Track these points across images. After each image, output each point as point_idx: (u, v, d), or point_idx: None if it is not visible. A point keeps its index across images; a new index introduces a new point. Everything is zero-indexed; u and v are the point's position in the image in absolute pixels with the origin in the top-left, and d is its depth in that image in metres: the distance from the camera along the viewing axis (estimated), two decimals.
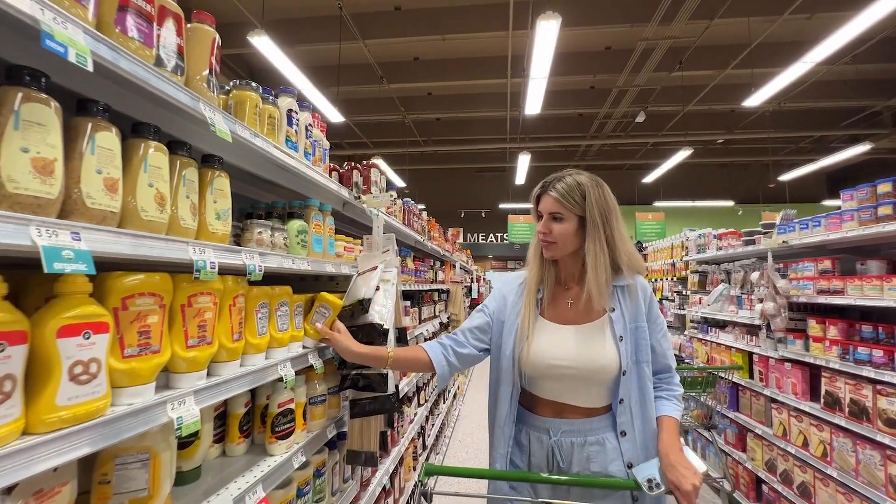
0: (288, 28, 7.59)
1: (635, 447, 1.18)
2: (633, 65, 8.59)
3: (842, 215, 2.37)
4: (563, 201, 1.20)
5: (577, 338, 1.21)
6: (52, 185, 0.57)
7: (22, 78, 0.56)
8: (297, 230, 1.24)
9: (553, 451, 1.19)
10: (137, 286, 0.73)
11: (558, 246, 1.23)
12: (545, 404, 1.24)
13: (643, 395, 1.20)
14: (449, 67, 9.01)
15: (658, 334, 1.26)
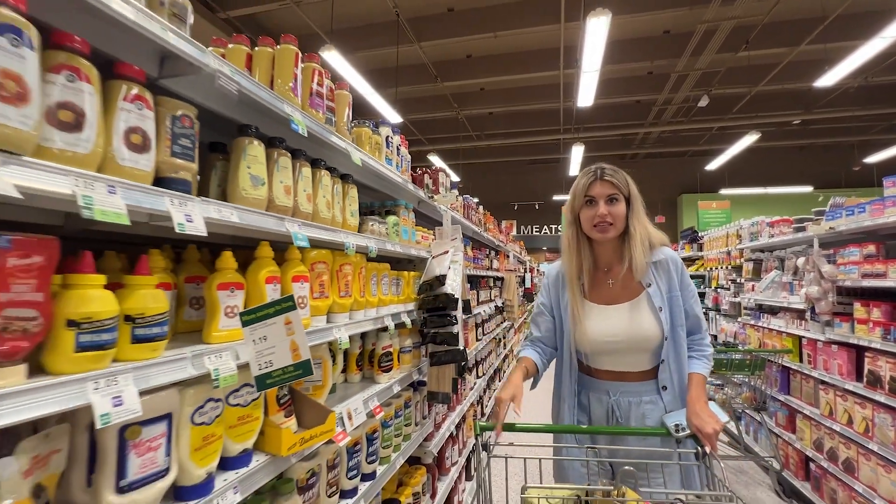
0: (349, 36, 8.26)
1: (674, 398, 1.36)
2: (693, 47, 8.35)
3: (885, 202, 2.49)
4: (619, 184, 1.36)
5: (622, 315, 1.38)
6: (290, 200, 1.08)
7: (277, 143, 1.06)
8: (393, 223, 1.73)
9: (612, 409, 1.38)
10: (317, 257, 1.23)
11: (616, 226, 1.37)
12: (603, 372, 1.42)
13: (679, 354, 1.37)
14: (501, 62, 9.28)
15: (690, 299, 1.42)
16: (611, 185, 1.36)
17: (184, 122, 0.79)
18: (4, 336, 0.55)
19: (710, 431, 1.19)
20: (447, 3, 7.90)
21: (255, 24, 8.11)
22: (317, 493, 1.22)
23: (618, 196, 1.36)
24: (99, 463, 0.69)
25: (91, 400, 0.60)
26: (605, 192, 1.36)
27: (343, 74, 6.38)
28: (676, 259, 1.44)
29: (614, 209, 1.35)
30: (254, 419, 0.98)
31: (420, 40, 8.05)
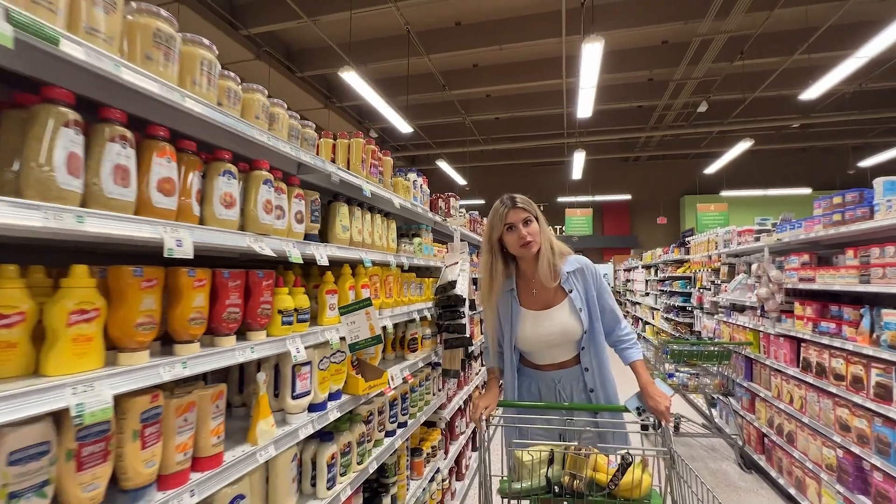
0: (363, 49, 8.91)
1: (594, 377, 1.72)
2: (690, 57, 8.91)
3: (814, 219, 3.11)
4: (528, 208, 1.68)
5: (552, 318, 1.71)
6: (360, 237, 1.75)
7: (354, 202, 1.74)
8: (418, 243, 2.41)
9: (559, 392, 1.75)
10: (374, 271, 1.91)
11: (536, 242, 1.68)
12: (543, 365, 1.77)
13: (596, 342, 1.72)
14: (506, 72, 9.90)
15: (605, 296, 1.77)
16: (523, 210, 1.66)
17: (316, 203, 1.46)
18: (223, 322, 1.20)
19: (663, 409, 1.54)
20: (454, 18, 8.54)
21: (275, 40, 8.81)
22: (373, 427, 1.90)
23: (531, 218, 1.67)
24: (282, 383, 1.36)
25: (289, 348, 1.28)
26: (520, 217, 1.66)
27: (359, 91, 7.05)
28: (590, 265, 1.79)
29: (531, 228, 1.66)
30: (342, 372, 1.66)
31: (429, 53, 8.69)
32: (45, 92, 0.75)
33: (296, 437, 1.35)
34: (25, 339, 0.78)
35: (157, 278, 0.92)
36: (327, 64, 9.14)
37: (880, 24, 5.87)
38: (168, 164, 0.94)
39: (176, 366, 0.93)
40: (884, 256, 2.48)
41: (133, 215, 0.85)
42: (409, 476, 2.31)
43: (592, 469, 1.38)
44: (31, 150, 0.72)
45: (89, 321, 0.81)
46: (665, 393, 1.59)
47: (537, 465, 1.40)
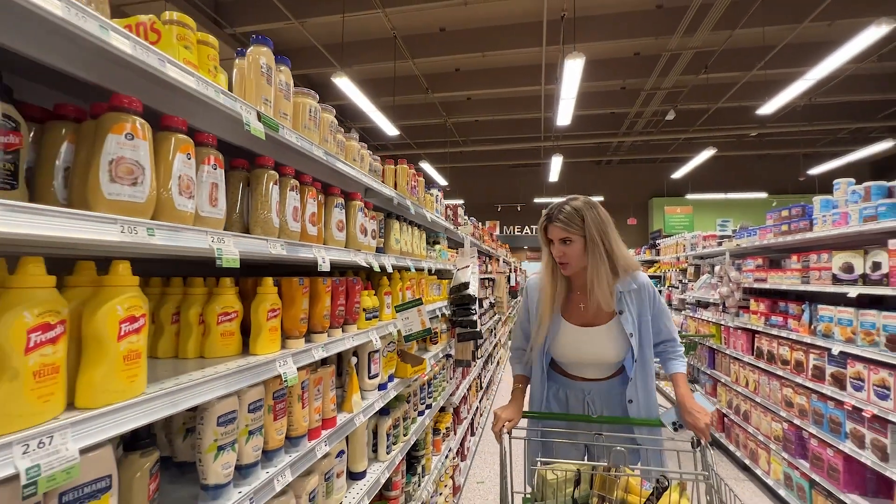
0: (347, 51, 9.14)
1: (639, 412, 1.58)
2: (660, 69, 9.65)
3: (766, 229, 3.72)
4: (568, 227, 1.51)
5: (594, 339, 1.58)
6: (408, 248, 2.15)
7: (404, 219, 2.13)
8: (438, 250, 2.81)
9: (588, 403, 1.65)
10: (413, 275, 2.31)
11: (571, 265, 1.56)
12: (576, 377, 1.68)
13: (646, 374, 1.59)
14: (488, 77, 10.37)
15: (663, 317, 1.65)
16: (562, 229, 1.52)
17: (381, 222, 1.85)
18: (337, 318, 1.58)
19: (702, 426, 1.40)
20: (439, 24, 8.91)
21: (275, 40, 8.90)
22: (412, 406, 2.30)
23: (570, 238, 1.52)
24: (360, 366, 1.75)
25: (371, 338, 1.67)
26: (557, 235, 1.54)
27: (349, 95, 7.33)
28: (649, 286, 1.62)
29: (568, 249, 1.53)
30: (394, 360, 2.05)
31: (414, 57, 9.04)
32: (260, 161, 1.12)
33: (372, 410, 1.74)
34: (238, 329, 1.14)
35: (308, 286, 1.30)
36: (313, 64, 9.33)
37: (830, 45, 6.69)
38: (312, 202, 1.31)
39: (318, 350, 1.31)
40: (820, 262, 3.07)
41: (298, 241, 1.23)
42: (432, 452, 2.73)
43: (624, 490, 1.28)
44: (262, 204, 1.09)
45: (277, 317, 1.18)
46: (705, 408, 1.45)
47: (563, 485, 1.32)
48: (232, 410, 1.00)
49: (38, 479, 0.57)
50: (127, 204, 0.73)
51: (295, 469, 1.20)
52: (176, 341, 1.10)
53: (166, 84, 0.80)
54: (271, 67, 1.12)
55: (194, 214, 0.87)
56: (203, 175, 0.90)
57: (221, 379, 0.92)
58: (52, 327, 0.62)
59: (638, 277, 1.61)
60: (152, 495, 0.84)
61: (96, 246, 0.69)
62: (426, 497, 2.46)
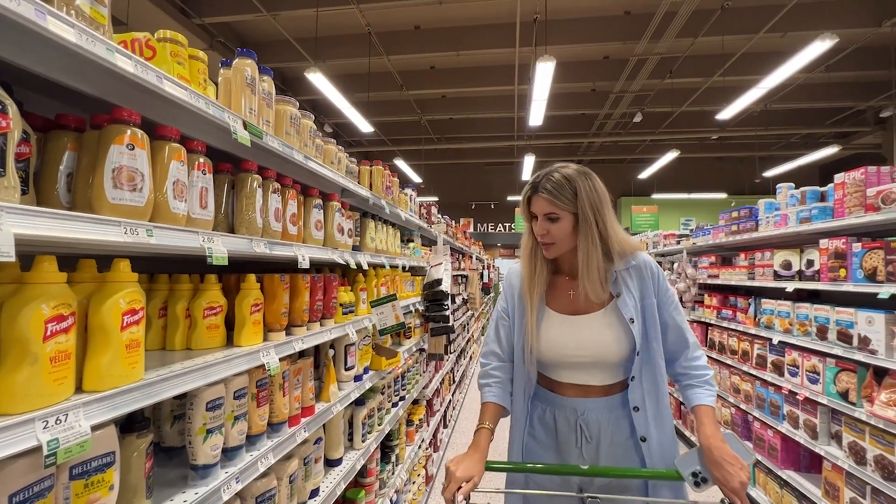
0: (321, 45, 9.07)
1: (646, 421, 1.21)
2: (628, 73, 10.02)
3: (719, 229, 4.00)
4: (556, 201, 1.21)
5: (586, 328, 1.25)
6: (383, 245, 2.25)
7: (379, 218, 2.23)
8: (412, 248, 2.92)
9: (580, 427, 1.26)
10: (388, 272, 2.41)
11: (557, 246, 1.25)
12: (567, 387, 1.29)
13: (654, 372, 1.22)
14: (462, 75, 10.49)
15: (669, 307, 1.27)
16: (549, 202, 1.22)
17: (357, 221, 1.94)
18: (315, 312, 1.67)
19: (737, 486, 1.05)
20: (414, 22, 8.96)
21: (231, 32, 8.74)
22: (387, 397, 2.40)
23: (557, 214, 1.23)
24: (337, 358, 1.84)
25: (347, 331, 1.76)
26: (542, 210, 1.25)
27: (323, 91, 7.31)
28: (651, 263, 1.31)
29: (555, 228, 1.24)
30: (369, 353, 2.15)
31: (389, 54, 9.06)
32: (245, 165, 1.20)
33: (348, 400, 1.84)
34: (223, 323, 1.22)
35: (288, 282, 1.39)
36: (285, 58, 9.21)
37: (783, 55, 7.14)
38: (293, 203, 1.40)
39: (298, 342, 1.40)
40: (763, 259, 3.35)
41: (280, 240, 1.31)
42: (405, 442, 2.84)
43: None
44: (246, 206, 1.17)
45: (260, 311, 1.27)
46: (742, 458, 1.10)
47: None
48: (219, 397, 1.08)
49: (58, 451, 0.65)
50: (128, 207, 0.80)
51: (276, 452, 1.29)
52: (163, 334, 1.17)
53: (163, 98, 0.87)
54: (255, 78, 1.20)
55: (186, 216, 0.95)
56: (194, 180, 0.98)
57: (210, 367, 1.00)
58: (65, 318, 0.70)
59: (638, 255, 1.31)
60: (148, 472, 0.92)
61: (100, 245, 0.77)
62: (400, 484, 2.57)
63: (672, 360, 1.31)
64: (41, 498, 0.68)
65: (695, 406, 1.23)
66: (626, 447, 1.25)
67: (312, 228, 1.53)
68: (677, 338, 1.29)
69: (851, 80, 10.58)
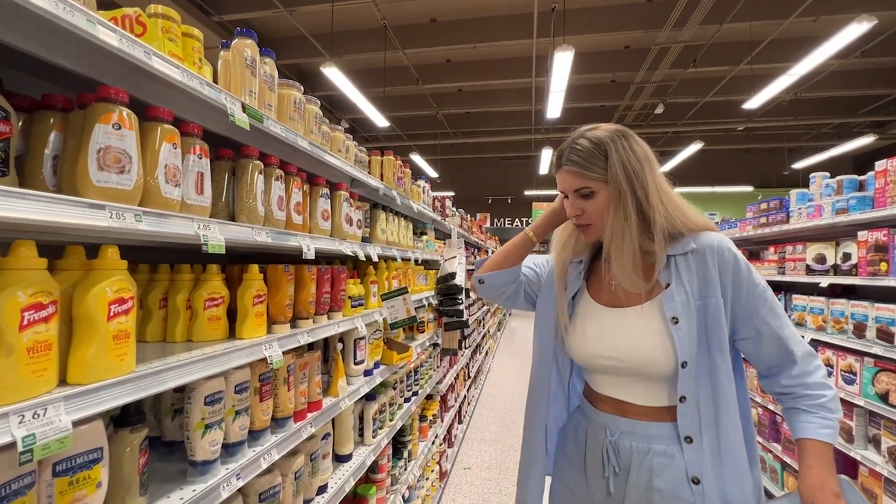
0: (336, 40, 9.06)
1: (702, 458, 0.94)
2: (650, 62, 9.72)
3: (746, 221, 3.82)
4: (585, 172, 1.00)
5: (619, 324, 1.02)
6: (394, 238, 2.19)
7: (390, 210, 2.17)
8: (425, 241, 2.86)
9: (607, 453, 1.01)
10: (399, 265, 2.35)
11: (596, 226, 1.03)
12: (603, 399, 1.07)
13: (717, 393, 0.95)
14: (478, 68, 10.35)
15: (761, 309, 0.96)
16: (575, 174, 1.01)
17: (367, 212, 1.89)
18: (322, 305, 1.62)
19: None
20: (430, 15, 8.87)
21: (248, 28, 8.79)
22: (399, 393, 2.35)
23: (589, 188, 1.01)
24: (346, 352, 1.80)
25: (356, 325, 1.71)
26: (570, 185, 1.03)
27: (339, 85, 7.30)
28: (724, 248, 0.99)
29: (589, 205, 1.01)
30: (380, 347, 2.10)
31: (404, 48, 8.99)
32: (245, 151, 1.15)
33: (357, 394, 1.79)
34: (224, 314, 1.18)
35: (293, 273, 1.34)
36: (301, 54, 9.24)
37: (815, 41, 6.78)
38: (297, 192, 1.35)
39: (303, 335, 1.36)
40: (795, 253, 3.17)
41: (284, 230, 1.26)
42: (418, 438, 2.79)
43: None
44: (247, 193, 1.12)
45: (263, 302, 1.22)
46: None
47: None
48: (219, 391, 1.04)
49: (34, 447, 0.61)
50: (115, 191, 0.76)
51: (281, 448, 1.24)
52: (164, 326, 1.14)
53: (152, 76, 0.83)
54: (255, 59, 1.15)
55: (181, 202, 0.91)
56: (189, 164, 0.94)
57: (207, 360, 0.96)
58: (44, 307, 0.66)
59: (703, 237, 1.00)
60: (142, 468, 0.88)
61: (86, 231, 0.73)
62: (412, 481, 2.53)
63: (771, 376, 1.01)
64: (21, 496, 0.64)
65: (799, 439, 0.94)
66: (673, 499, 0.94)
67: (319, 218, 1.48)
68: (776, 349, 0.97)
69: (889, 65, 10.04)
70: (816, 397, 0.94)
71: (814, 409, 0.93)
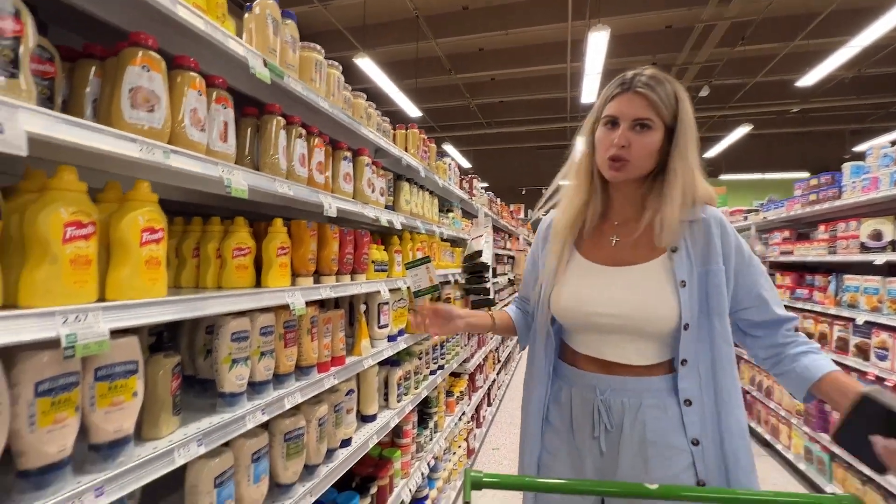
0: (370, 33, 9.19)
1: (703, 420, 0.97)
2: (693, 42, 9.26)
3: (794, 200, 3.60)
4: (660, 102, 0.96)
5: (624, 281, 1.02)
6: (418, 210, 2.23)
7: (414, 182, 2.21)
8: (452, 218, 2.88)
9: (599, 411, 1.02)
10: (424, 237, 2.39)
11: (633, 165, 1.00)
12: (587, 359, 1.07)
13: (715, 357, 0.97)
14: (512, 55, 10.22)
15: (751, 269, 1.02)
16: (645, 101, 0.97)
17: (390, 181, 1.93)
18: (345, 265, 1.68)
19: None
20: (462, 3, 8.83)
21: None
22: (423, 364, 2.40)
23: (652, 121, 0.97)
24: (370, 315, 1.86)
25: (379, 289, 1.77)
26: (632, 112, 0.98)
27: (373, 77, 7.43)
28: (724, 221, 1.04)
29: (640, 140, 0.98)
30: (404, 316, 2.15)
31: (437, 37, 9.01)
32: (269, 108, 1.21)
33: (381, 356, 1.85)
34: (252, 264, 1.25)
35: (315, 229, 1.40)
36: (335, 48, 9.42)
37: (878, 11, 6.24)
38: (319, 151, 1.41)
39: (325, 289, 1.42)
40: (848, 230, 2.97)
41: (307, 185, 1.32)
42: (444, 411, 2.84)
43: None
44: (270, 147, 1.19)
45: (286, 254, 1.29)
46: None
47: None
48: (244, 329, 1.12)
49: (76, 345, 0.68)
50: (145, 129, 0.83)
51: (304, 393, 1.32)
52: (197, 273, 1.23)
53: (177, 25, 0.90)
54: (277, 20, 1.21)
55: (206, 147, 0.98)
56: (213, 113, 1.00)
57: (232, 297, 1.03)
58: (84, 225, 0.74)
59: (708, 209, 1.04)
60: (175, 391, 0.96)
61: (119, 160, 0.80)
62: (438, 451, 2.58)
63: (762, 337, 1.03)
64: (67, 391, 0.73)
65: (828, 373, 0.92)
66: (666, 449, 0.97)
67: (341, 181, 1.54)
68: (774, 314, 1.01)
69: None
70: (814, 344, 1.01)
71: (817, 351, 0.99)
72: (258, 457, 1.16)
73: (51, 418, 0.70)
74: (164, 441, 0.91)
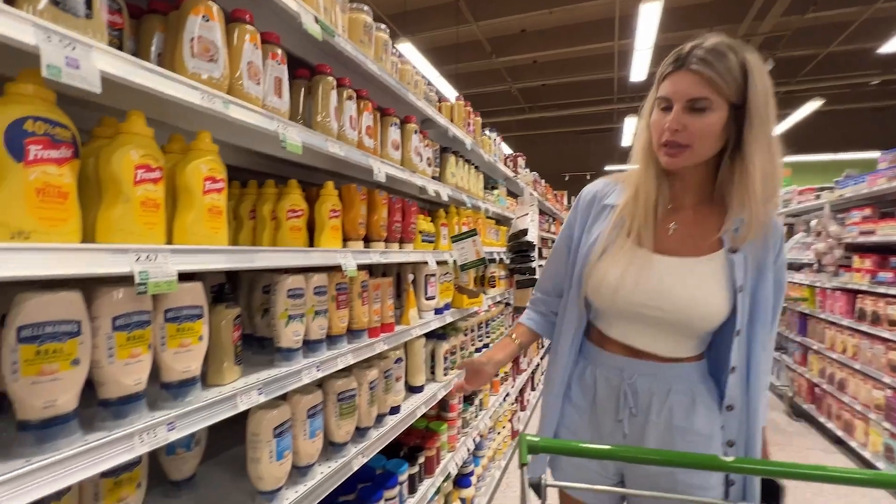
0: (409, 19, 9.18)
1: (739, 424, 0.96)
2: (756, 11, 8.59)
3: (878, 174, 3.27)
4: (716, 78, 0.85)
5: (677, 274, 0.95)
6: (463, 183, 2.20)
7: (459, 155, 2.18)
8: (496, 195, 2.83)
9: (625, 395, 0.99)
10: (469, 213, 2.36)
11: (693, 151, 0.91)
12: (616, 344, 1.03)
13: (755, 361, 0.95)
14: (555, 35, 9.89)
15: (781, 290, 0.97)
16: (700, 79, 0.86)
17: (437, 151, 1.91)
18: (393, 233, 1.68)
19: None
20: None
21: None
22: (469, 341, 2.39)
23: (709, 101, 0.87)
24: (417, 286, 1.85)
25: (427, 259, 1.76)
26: (685, 92, 0.88)
27: (414, 62, 7.42)
28: (780, 227, 0.99)
29: (696, 122, 0.88)
30: (451, 290, 2.14)
31: (477, 19, 8.86)
32: (320, 68, 1.22)
33: (428, 327, 1.85)
34: (305, 227, 1.27)
35: (365, 193, 1.41)
36: None
37: None
38: (368, 115, 1.40)
39: (375, 254, 1.42)
40: None
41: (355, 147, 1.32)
42: (490, 390, 2.82)
43: None
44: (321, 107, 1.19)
45: (338, 217, 1.30)
46: None
47: None
48: (300, 287, 1.14)
49: (148, 282, 0.71)
50: (206, 78, 0.85)
51: (356, 355, 1.33)
52: (253, 235, 1.26)
53: None
54: None
55: (262, 102, 0.99)
56: (269, 68, 1.02)
57: (287, 253, 1.05)
58: (152, 169, 0.76)
59: (772, 212, 0.95)
60: (236, 341, 1.00)
61: (182, 109, 0.82)
62: (483, 429, 2.57)
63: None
64: (140, 328, 0.76)
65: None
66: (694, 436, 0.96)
67: (389, 147, 1.53)
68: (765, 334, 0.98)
69: None
70: None
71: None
72: (314, 413, 1.18)
73: (127, 352, 0.74)
74: (227, 387, 0.94)
